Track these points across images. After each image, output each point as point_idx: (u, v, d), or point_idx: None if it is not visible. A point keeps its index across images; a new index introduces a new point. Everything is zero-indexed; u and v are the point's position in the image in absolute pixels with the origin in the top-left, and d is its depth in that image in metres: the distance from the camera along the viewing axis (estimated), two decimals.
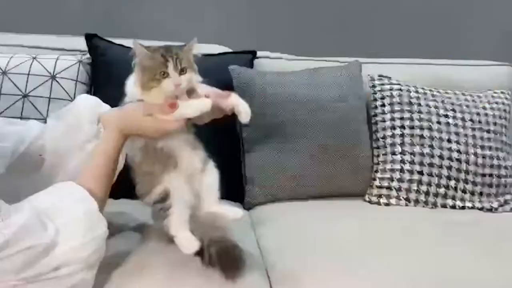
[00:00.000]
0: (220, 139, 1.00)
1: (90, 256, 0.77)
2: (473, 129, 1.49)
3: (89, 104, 1.02)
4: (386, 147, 1.48)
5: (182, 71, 0.87)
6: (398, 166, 1.43)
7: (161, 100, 0.87)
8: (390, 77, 1.57)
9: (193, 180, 0.93)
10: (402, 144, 1.45)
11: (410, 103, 1.49)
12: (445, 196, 1.42)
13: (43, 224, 0.75)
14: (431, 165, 1.42)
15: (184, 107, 0.87)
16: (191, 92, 0.91)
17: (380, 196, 1.42)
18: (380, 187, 1.43)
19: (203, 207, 0.92)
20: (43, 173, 0.97)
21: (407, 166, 1.42)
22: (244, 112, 0.91)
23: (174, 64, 0.85)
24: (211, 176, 0.95)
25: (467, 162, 1.44)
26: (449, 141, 1.45)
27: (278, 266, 1.00)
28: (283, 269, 0.98)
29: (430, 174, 1.42)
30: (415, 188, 1.41)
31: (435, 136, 1.45)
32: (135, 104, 0.90)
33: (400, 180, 1.42)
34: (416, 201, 1.41)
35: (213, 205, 0.93)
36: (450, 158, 1.43)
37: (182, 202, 0.89)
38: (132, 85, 0.91)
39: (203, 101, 0.88)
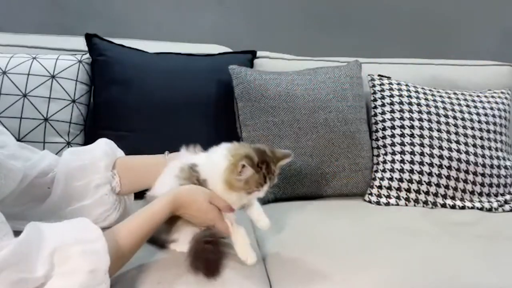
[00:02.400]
0: (220, 139, 1.00)
1: None
2: (473, 129, 1.49)
3: (107, 150, 1.03)
4: (386, 147, 1.48)
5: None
6: (398, 166, 1.43)
7: (232, 200, 0.95)
8: (390, 77, 1.57)
9: None
10: (402, 144, 1.45)
11: (410, 103, 1.49)
12: (445, 196, 1.42)
13: (36, 257, 0.69)
14: (431, 165, 1.42)
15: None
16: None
17: (380, 196, 1.42)
18: (380, 187, 1.43)
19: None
20: (49, 203, 0.95)
21: (407, 166, 1.42)
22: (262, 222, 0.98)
23: (269, 184, 0.96)
24: None
25: (467, 162, 1.44)
26: (449, 141, 1.45)
27: (278, 265, 1.00)
28: (283, 269, 0.98)
29: (430, 174, 1.42)
30: (415, 188, 1.41)
31: (435, 136, 1.45)
32: (206, 189, 0.94)
33: (400, 180, 1.42)
34: (416, 201, 1.41)
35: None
36: (450, 158, 1.43)
37: (188, 239, 0.93)
38: (218, 176, 0.94)
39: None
